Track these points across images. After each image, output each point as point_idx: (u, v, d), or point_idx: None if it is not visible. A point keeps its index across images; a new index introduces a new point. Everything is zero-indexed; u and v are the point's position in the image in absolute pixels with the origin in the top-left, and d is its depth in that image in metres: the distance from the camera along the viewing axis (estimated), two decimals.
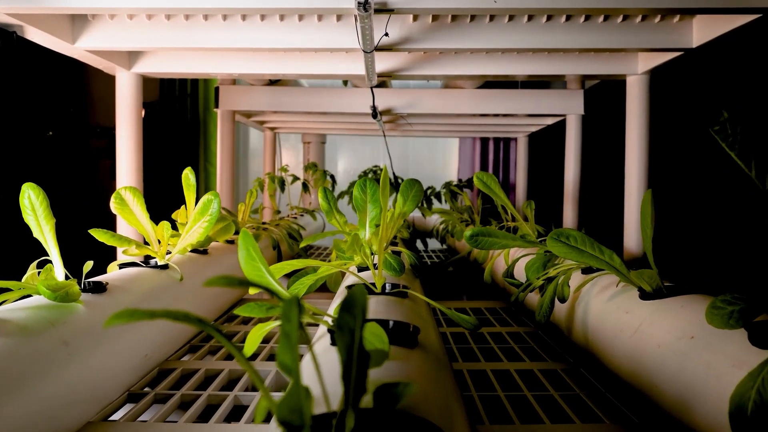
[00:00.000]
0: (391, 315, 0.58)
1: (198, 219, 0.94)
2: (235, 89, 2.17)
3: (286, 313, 0.31)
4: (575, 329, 0.94)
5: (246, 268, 0.58)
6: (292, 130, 3.06)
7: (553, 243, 0.83)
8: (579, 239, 0.82)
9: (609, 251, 0.80)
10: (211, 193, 0.97)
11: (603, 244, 0.82)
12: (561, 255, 0.81)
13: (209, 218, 0.93)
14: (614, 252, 0.80)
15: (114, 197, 0.92)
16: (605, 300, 0.83)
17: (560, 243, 0.81)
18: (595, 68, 1.51)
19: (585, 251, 0.80)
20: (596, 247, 0.81)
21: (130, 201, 0.91)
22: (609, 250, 0.80)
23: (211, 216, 0.93)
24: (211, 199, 0.95)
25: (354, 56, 1.49)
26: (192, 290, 1.01)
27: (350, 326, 0.34)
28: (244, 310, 0.59)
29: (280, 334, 0.32)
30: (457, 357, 1.03)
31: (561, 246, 0.81)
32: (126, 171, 1.51)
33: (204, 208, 0.95)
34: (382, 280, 0.70)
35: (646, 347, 0.67)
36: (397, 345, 0.49)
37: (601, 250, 0.80)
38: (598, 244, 0.81)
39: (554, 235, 0.84)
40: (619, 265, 0.77)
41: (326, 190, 1.12)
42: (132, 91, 1.52)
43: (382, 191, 0.68)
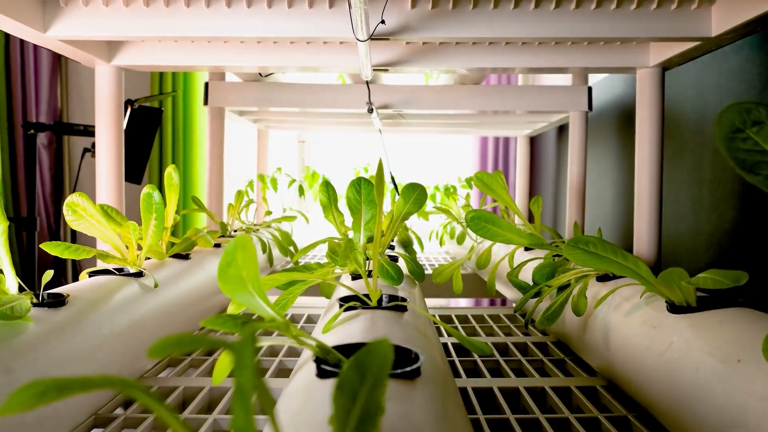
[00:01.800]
0: (390, 337, 0.49)
1: (148, 219, 0.84)
2: (225, 85, 2.08)
3: (239, 359, 0.23)
4: (591, 343, 0.85)
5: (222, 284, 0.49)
6: (286, 128, 2.97)
7: (571, 250, 0.74)
8: (599, 245, 0.74)
9: (633, 257, 0.71)
10: (149, 186, 0.87)
11: None
12: (579, 263, 0.73)
13: (157, 215, 0.84)
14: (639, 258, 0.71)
15: (66, 207, 0.82)
16: (627, 312, 0.74)
17: (578, 250, 0.72)
18: (603, 61, 1.42)
19: (606, 257, 0.72)
20: (619, 253, 0.72)
21: (85, 208, 0.82)
22: (633, 256, 0.72)
23: (157, 212, 0.84)
24: (150, 192, 0.86)
25: (348, 48, 1.40)
26: (169, 300, 0.92)
27: (354, 390, 0.24)
28: (212, 323, 0.50)
29: (233, 387, 0.23)
30: (460, 372, 0.95)
31: (579, 253, 0.72)
32: (106, 172, 1.42)
33: (147, 206, 0.85)
34: (377, 293, 0.61)
35: (682, 370, 0.58)
36: (396, 378, 0.40)
37: (625, 257, 0.72)
38: (621, 249, 0.73)
39: (572, 242, 0.75)
40: (646, 273, 0.69)
41: (328, 184, 1.02)
42: (112, 86, 1.43)
43: (378, 191, 0.59)
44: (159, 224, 0.83)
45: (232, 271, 0.48)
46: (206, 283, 1.11)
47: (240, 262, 0.48)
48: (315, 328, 0.68)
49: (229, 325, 0.49)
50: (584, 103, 2.04)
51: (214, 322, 0.50)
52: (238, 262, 0.48)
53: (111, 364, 0.70)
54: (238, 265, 0.48)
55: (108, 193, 1.42)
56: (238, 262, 0.48)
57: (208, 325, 0.47)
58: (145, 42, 1.41)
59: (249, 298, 0.47)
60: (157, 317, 0.85)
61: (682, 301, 0.66)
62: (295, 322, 1.30)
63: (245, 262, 0.47)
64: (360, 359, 0.25)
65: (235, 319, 0.50)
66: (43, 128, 2.14)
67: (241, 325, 0.49)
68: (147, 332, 0.81)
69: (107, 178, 1.42)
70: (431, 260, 2.53)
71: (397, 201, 0.94)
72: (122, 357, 0.73)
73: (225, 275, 0.47)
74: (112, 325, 0.72)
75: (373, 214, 0.80)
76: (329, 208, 1.03)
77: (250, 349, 0.23)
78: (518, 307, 1.02)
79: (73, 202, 0.81)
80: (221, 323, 0.49)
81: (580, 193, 2.05)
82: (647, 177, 1.41)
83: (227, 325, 0.49)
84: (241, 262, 0.48)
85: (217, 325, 0.49)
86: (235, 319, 0.50)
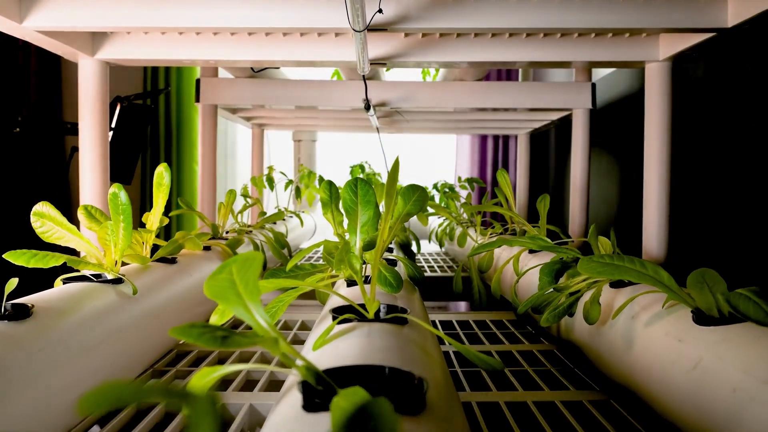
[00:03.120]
0: (388, 357, 0.43)
1: (117, 221, 0.78)
2: (217, 82, 2.01)
3: None
4: (606, 353, 0.79)
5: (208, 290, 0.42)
6: (282, 127, 2.90)
7: (587, 265, 0.68)
8: (615, 256, 0.68)
9: (653, 265, 0.65)
10: (116, 185, 0.81)
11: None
12: (596, 275, 0.67)
13: (124, 216, 0.77)
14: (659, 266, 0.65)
15: (34, 217, 0.75)
16: (648, 322, 0.68)
17: (594, 263, 0.66)
18: (611, 54, 1.36)
19: (623, 266, 0.66)
20: (636, 262, 0.66)
21: (53, 217, 0.75)
22: (652, 264, 0.65)
23: (124, 213, 0.77)
24: (116, 192, 0.80)
25: (344, 41, 1.34)
26: (150, 309, 0.85)
27: None
28: (185, 333, 0.42)
29: None
30: (463, 385, 0.88)
31: (595, 265, 0.66)
32: (90, 171, 1.35)
33: (114, 207, 0.79)
34: (375, 304, 0.55)
35: (716, 390, 0.52)
36: (397, 411, 0.34)
37: (643, 264, 0.66)
38: (638, 258, 0.67)
39: (585, 260, 0.69)
40: (668, 280, 0.63)
41: (331, 183, 0.96)
42: (96, 81, 1.36)
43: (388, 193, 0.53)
44: (128, 226, 0.77)
45: (223, 275, 0.41)
46: (193, 289, 1.04)
47: (234, 268, 0.41)
48: (307, 340, 0.61)
49: (205, 338, 0.41)
50: (588, 100, 1.98)
51: (187, 333, 0.41)
52: (230, 268, 0.42)
53: (79, 381, 0.63)
54: (230, 270, 0.42)
55: (92, 194, 1.36)
56: (230, 267, 0.42)
57: (179, 336, 0.39)
58: (130, 34, 1.34)
59: (239, 308, 0.41)
60: (136, 328, 0.78)
61: (712, 309, 0.59)
62: (288, 329, 1.24)
63: (240, 269, 0.41)
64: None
65: (214, 331, 0.42)
66: (27, 126, 2.07)
67: (220, 340, 0.42)
68: (124, 345, 0.75)
69: (91, 178, 1.36)
70: (429, 261, 2.47)
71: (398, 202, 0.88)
72: (93, 374, 0.66)
73: (214, 280, 0.41)
74: (82, 339, 0.65)
75: (370, 215, 0.74)
76: (329, 205, 0.97)
77: (208, 423, 0.16)
78: (522, 310, 0.96)
79: (40, 211, 0.75)
80: (196, 335, 0.40)
81: (583, 191, 1.99)
82: (656, 175, 1.35)
83: (203, 339, 0.41)
84: (235, 268, 0.41)
85: (191, 337, 0.41)
86: (213, 331, 0.42)
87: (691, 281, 0.60)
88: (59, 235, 0.76)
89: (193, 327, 0.41)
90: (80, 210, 0.97)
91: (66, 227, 0.75)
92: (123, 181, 2.03)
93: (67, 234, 0.75)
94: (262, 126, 2.82)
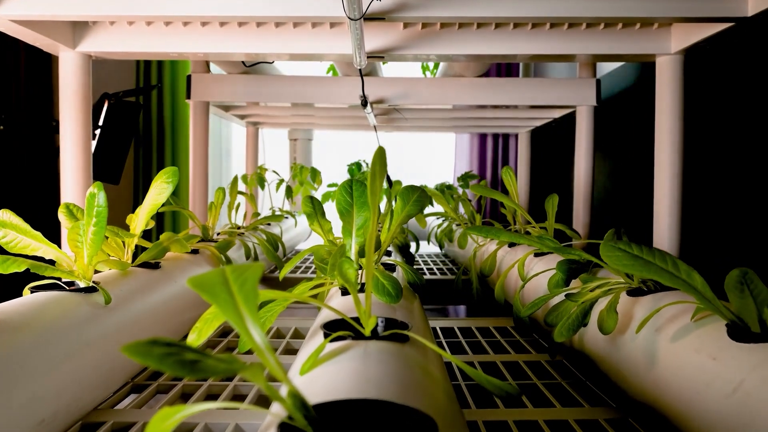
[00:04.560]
0: (389, 389, 0.36)
1: (87, 224, 0.71)
2: (209, 78, 1.94)
3: None
4: (623, 368, 0.72)
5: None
6: (277, 125, 2.83)
7: (611, 251, 0.61)
8: (645, 248, 0.60)
9: (686, 267, 0.58)
10: (96, 185, 0.74)
11: None
12: (620, 268, 0.60)
13: (97, 220, 0.70)
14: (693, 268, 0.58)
15: None
16: (675, 336, 0.61)
17: (620, 252, 0.59)
18: (619, 47, 1.29)
19: (653, 264, 0.59)
20: (668, 260, 0.59)
21: (15, 225, 0.69)
22: (686, 265, 0.58)
23: (98, 216, 0.70)
24: (94, 193, 0.73)
25: (340, 32, 1.27)
26: (126, 320, 0.78)
27: None
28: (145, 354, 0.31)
29: None
30: (468, 402, 0.81)
31: (621, 256, 0.59)
32: (71, 169, 1.28)
33: (89, 208, 0.72)
34: (373, 321, 0.48)
35: (765, 420, 0.45)
36: None
37: (676, 265, 0.59)
38: (671, 256, 0.59)
39: (610, 241, 0.62)
40: (702, 287, 0.56)
41: (312, 198, 0.91)
42: (78, 75, 1.29)
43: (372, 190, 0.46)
44: (99, 230, 0.70)
45: (215, 271, 0.35)
46: (177, 296, 0.97)
47: (228, 268, 0.35)
48: (295, 360, 0.54)
49: (169, 362, 0.30)
50: (592, 97, 1.91)
51: (146, 353, 0.30)
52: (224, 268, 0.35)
53: (35, 406, 0.56)
54: (223, 270, 0.35)
55: (74, 193, 1.28)
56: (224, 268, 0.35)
57: (134, 355, 0.30)
58: (114, 25, 1.27)
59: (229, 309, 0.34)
60: (109, 341, 0.71)
61: (753, 321, 0.52)
62: (281, 338, 1.17)
63: (235, 269, 0.34)
64: None
65: (181, 352, 0.33)
66: (12, 124, 1.99)
67: (189, 365, 0.33)
68: (94, 360, 0.68)
69: (73, 176, 1.28)
70: (429, 264, 2.40)
71: (395, 202, 0.82)
72: (57, 396, 0.59)
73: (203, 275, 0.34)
74: (45, 354, 0.58)
75: (367, 217, 0.67)
76: (314, 217, 0.91)
77: None
78: (526, 313, 0.89)
79: (1, 220, 0.68)
80: (157, 358, 0.30)
81: (587, 191, 1.92)
82: (668, 173, 1.28)
83: (167, 363, 0.30)
84: (229, 269, 0.35)
85: (152, 359, 0.29)
86: (180, 352, 0.32)
87: (730, 284, 0.52)
88: (24, 243, 0.69)
89: (154, 345, 0.31)
90: (61, 209, 0.90)
91: (31, 235, 0.69)
92: (111, 181, 1.96)
93: (33, 242, 0.69)
94: (257, 124, 2.74)
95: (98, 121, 1.97)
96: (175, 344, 0.30)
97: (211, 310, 0.49)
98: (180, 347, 0.30)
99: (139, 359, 0.28)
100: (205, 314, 0.49)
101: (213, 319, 0.48)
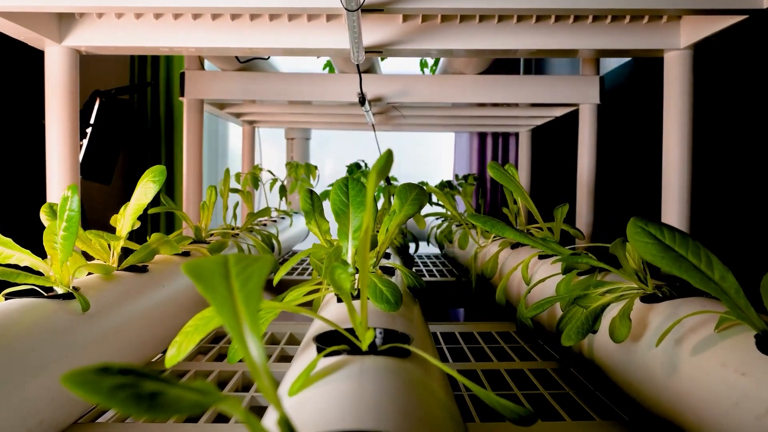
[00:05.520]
0: (387, 419, 0.31)
1: (60, 226, 0.66)
2: (203, 75, 1.89)
3: None
4: (637, 379, 0.67)
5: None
6: (273, 123, 2.78)
7: (639, 235, 0.55)
8: (678, 236, 0.54)
9: (722, 266, 0.52)
10: (70, 187, 0.70)
11: None
12: (647, 257, 0.54)
13: (67, 224, 0.66)
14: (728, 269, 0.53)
15: None
16: (697, 348, 0.57)
17: (649, 239, 0.53)
18: (626, 42, 1.25)
19: (686, 260, 0.52)
20: (702, 256, 0.53)
21: None
22: (721, 264, 0.53)
23: (69, 221, 0.66)
24: (67, 196, 0.68)
25: (336, 26, 1.22)
26: (105, 330, 0.73)
27: None
28: (83, 385, 0.24)
29: None
30: (472, 414, 0.77)
31: (650, 244, 0.53)
32: (57, 168, 1.23)
33: (60, 211, 0.67)
34: (370, 334, 0.43)
35: None
36: None
37: (710, 263, 0.53)
38: (705, 250, 0.53)
39: (639, 223, 0.55)
40: (735, 293, 0.51)
41: (311, 192, 0.86)
42: (65, 70, 1.24)
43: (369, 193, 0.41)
44: (70, 235, 0.65)
45: (215, 258, 0.30)
46: (165, 301, 0.92)
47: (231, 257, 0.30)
48: (285, 378, 0.50)
49: (121, 397, 0.22)
50: (596, 94, 1.87)
51: (94, 385, 0.23)
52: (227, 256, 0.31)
53: (9, 418, 0.52)
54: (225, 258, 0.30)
55: (61, 194, 1.23)
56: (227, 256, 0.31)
57: (75, 388, 0.23)
58: (102, 18, 1.22)
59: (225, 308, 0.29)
60: (89, 350, 0.67)
61: None
62: (275, 344, 1.12)
63: (240, 259, 0.30)
64: None
65: (139, 383, 0.26)
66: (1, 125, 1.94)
67: (147, 401, 0.27)
68: None
69: (59, 176, 1.24)
70: (428, 265, 2.35)
71: (393, 202, 0.77)
72: (23, 419, 0.54)
73: (201, 260, 0.29)
74: (16, 366, 0.54)
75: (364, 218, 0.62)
76: (312, 215, 0.86)
77: None
78: (531, 314, 0.84)
79: None
80: (106, 392, 0.23)
81: (590, 191, 1.88)
82: (677, 172, 1.24)
83: (117, 399, 0.22)
84: (233, 258, 0.30)
85: (99, 394, 0.23)
86: (138, 383, 0.26)
87: (767, 285, 0.47)
88: None
89: (104, 374, 0.24)
90: (43, 209, 0.86)
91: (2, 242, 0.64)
92: (103, 181, 1.91)
93: (3, 249, 0.64)
94: (253, 123, 2.70)
95: (89, 119, 1.92)
96: (131, 371, 0.25)
97: (192, 323, 0.44)
98: (138, 376, 0.25)
99: (83, 394, 0.23)
100: (186, 326, 0.45)
101: (194, 333, 0.43)
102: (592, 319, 0.78)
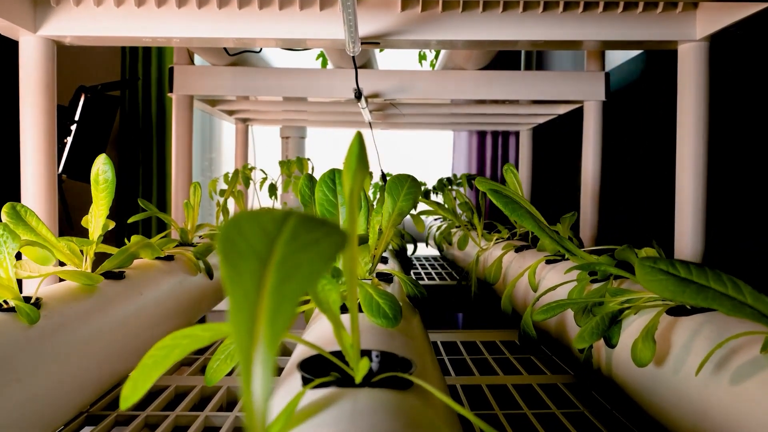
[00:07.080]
0: None
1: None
2: (192, 70, 1.81)
3: None
4: (665, 404, 0.60)
5: None
6: (267, 122, 2.70)
7: (650, 274, 0.49)
8: (693, 267, 0.49)
9: (750, 289, 0.47)
10: (17, 205, 0.62)
11: None
12: (666, 296, 0.48)
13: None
14: None
15: None
16: (739, 374, 0.50)
17: (662, 275, 0.47)
18: (638, 33, 1.18)
19: (709, 288, 0.47)
20: (726, 282, 0.47)
21: None
22: (750, 288, 0.47)
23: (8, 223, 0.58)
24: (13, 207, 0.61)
25: (331, 15, 1.14)
26: (73, 344, 0.65)
27: None
28: None
29: None
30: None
31: (665, 280, 0.47)
32: (33, 166, 1.15)
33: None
34: (364, 365, 0.36)
35: None
36: None
37: (737, 287, 0.47)
38: (727, 276, 0.48)
39: (647, 263, 0.50)
40: None
41: (311, 177, 0.77)
42: (41, 62, 1.16)
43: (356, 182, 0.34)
44: (14, 237, 0.58)
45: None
46: (142, 310, 0.85)
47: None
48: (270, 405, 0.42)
49: None
50: (601, 91, 1.80)
51: None
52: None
53: None
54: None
55: (35, 193, 1.16)
56: None
57: None
58: (80, 6, 1.14)
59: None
60: (50, 369, 0.59)
61: None
62: None
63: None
64: None
65: None
66: None
67: None
68: (29, 394, 0.55)
69: (34, 175, 1.16)
70: (426, 267, 2.28)
71: (385, 200, 0.69)
72: None
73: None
74: None
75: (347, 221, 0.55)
76: (311, 206, 0.78)
77: None
78: (539, 318, 0.76)
79: None
80: None
81: (595, 192, 1.81)
82: (691, 171, 1.17)
83: None
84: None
85: None
86: None
87: None
88: None
89: None
90: (4, 209, 0.78)
91: None
92: (87, 180, 1.83)
93: None
94: (247, 121, 2.62)
95: (74, 116, 1.84)
96: None
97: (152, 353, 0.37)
98: None
99: None
100: (145, 358, 0.37)
101: (153, 368, 0.35)
102: (609, 320, 0.71)
